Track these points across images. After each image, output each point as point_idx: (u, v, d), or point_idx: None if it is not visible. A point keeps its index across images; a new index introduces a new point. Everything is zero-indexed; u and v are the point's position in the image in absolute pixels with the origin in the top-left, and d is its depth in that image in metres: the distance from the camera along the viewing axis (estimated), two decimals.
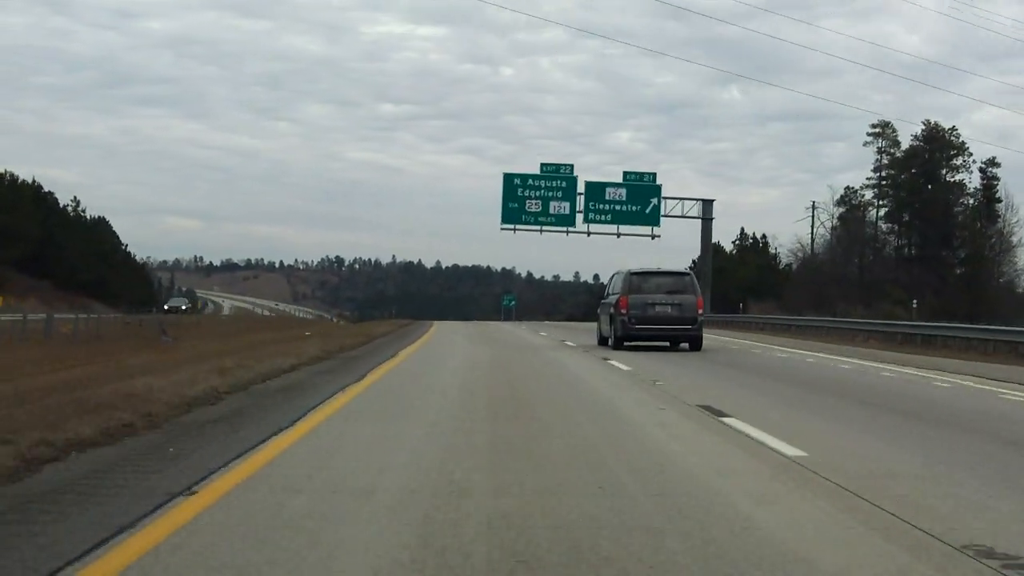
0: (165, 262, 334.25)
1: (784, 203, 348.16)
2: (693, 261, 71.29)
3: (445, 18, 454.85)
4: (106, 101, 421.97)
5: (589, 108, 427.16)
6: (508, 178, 57.89)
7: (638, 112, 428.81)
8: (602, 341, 25.46)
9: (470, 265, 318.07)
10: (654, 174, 58.88)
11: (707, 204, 62.34)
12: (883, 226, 78.71)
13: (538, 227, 57.93)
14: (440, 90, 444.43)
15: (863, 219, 77.83)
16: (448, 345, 26.06)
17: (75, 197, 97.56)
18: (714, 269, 66.72)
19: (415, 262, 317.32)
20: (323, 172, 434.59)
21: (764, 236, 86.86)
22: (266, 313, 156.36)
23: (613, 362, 18.54)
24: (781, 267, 79.92)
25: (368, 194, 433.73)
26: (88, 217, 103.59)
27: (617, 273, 25.56)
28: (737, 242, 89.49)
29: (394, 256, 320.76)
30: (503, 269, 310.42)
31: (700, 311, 23.55)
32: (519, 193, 57.29)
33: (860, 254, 75.82)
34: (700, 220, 61.94)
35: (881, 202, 79.09)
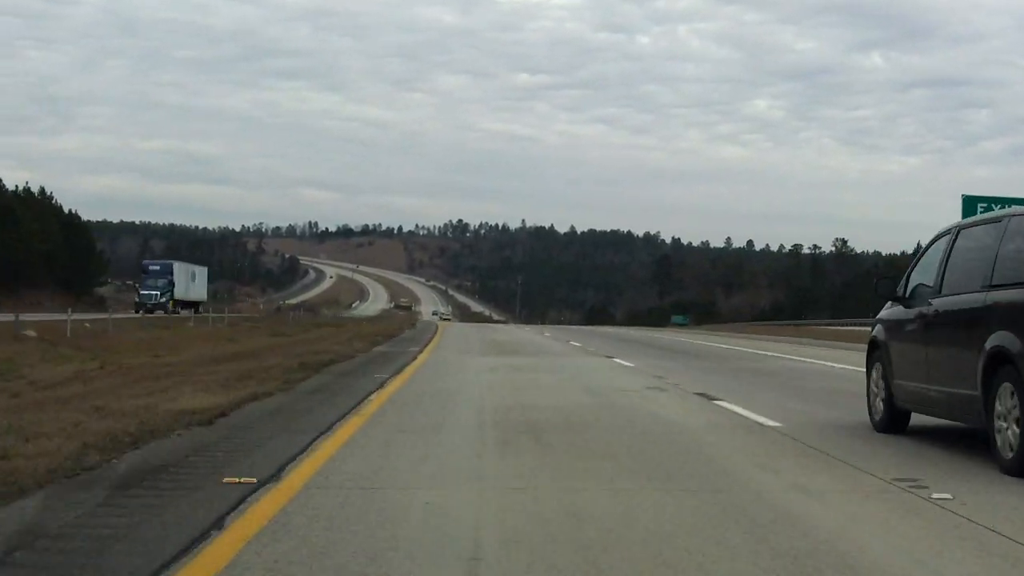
0: (278, 228, 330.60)
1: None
2: None
3: None
4: (245, 74, 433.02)
5: (726, 76, 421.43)
6: None
7: (775, 79, 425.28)
8: (895, 421, 9.13)
9: (608, 230, 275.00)
10: None
11: None
12: None
13: None
14: (575, 59, 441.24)
15: None
16: None
17: None
18: None
19: (546, 227, 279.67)
20: (457, 143, 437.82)
21: None
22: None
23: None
24: None
25: (502, 164, 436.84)
26: None
27: (983, 224, 8.23)
28: None
29: (523, 221, 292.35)
30: (646, 234, 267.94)
31: None
32: None
33: None
34: None
35: None
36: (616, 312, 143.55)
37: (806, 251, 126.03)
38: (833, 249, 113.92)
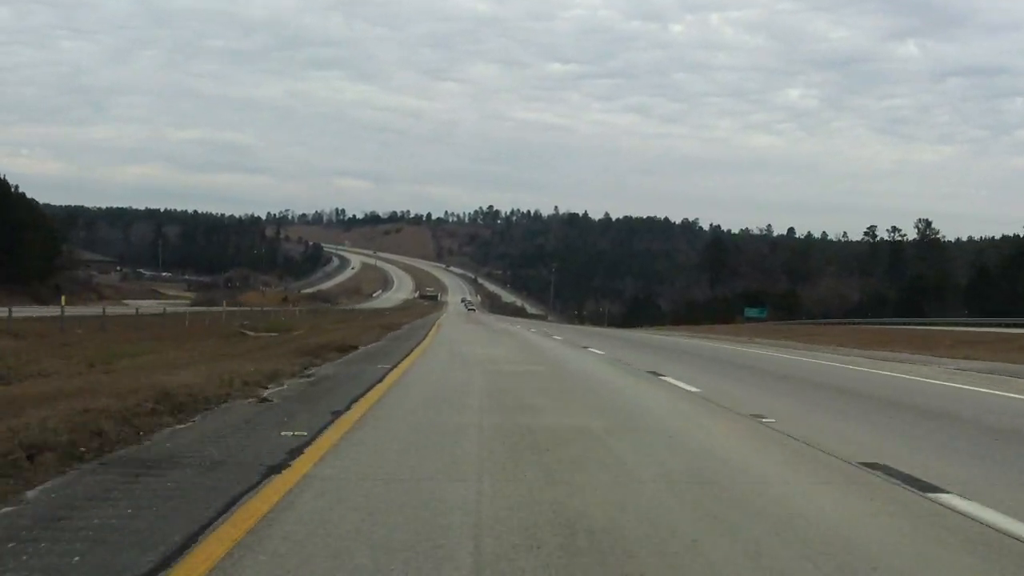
0: (304, 216, 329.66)
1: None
2: None
3: None
4: (280, 64, 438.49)
5: (759, 64, 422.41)
6: None
7: (809, 68, 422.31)
8: None
9: (644, 217, 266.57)
10: None
11: None
12: None
13: None
14: (607, 48, 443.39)
15: None
16: None
17: None
18: None
19: (580, 214, 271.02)
20: (489, 132, 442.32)
21: None
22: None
23: None
24: None
25: (534, 153, 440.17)
26: None
27: None
28: None
29: (556, 208, 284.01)
30: (684, 221, 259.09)
31: None
32: None
33: None
34: None
35: None
36: (661, 302, 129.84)
37: (879, 237, 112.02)
38: (916, 233, 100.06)
